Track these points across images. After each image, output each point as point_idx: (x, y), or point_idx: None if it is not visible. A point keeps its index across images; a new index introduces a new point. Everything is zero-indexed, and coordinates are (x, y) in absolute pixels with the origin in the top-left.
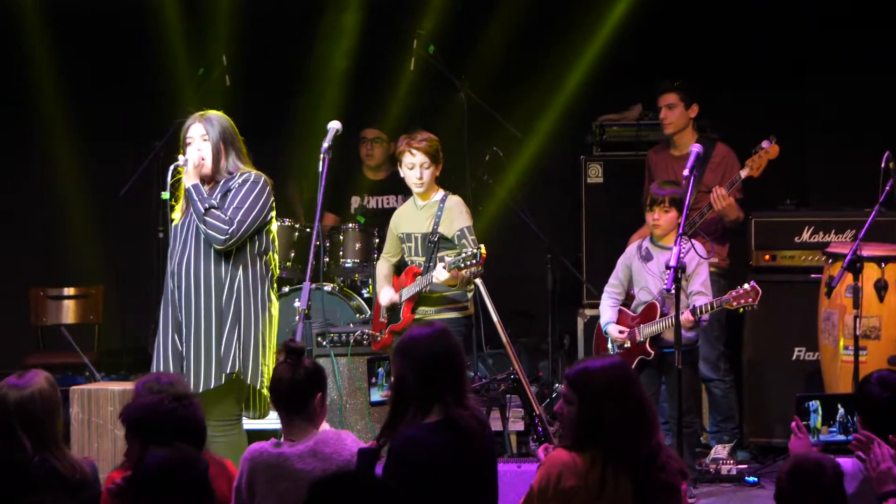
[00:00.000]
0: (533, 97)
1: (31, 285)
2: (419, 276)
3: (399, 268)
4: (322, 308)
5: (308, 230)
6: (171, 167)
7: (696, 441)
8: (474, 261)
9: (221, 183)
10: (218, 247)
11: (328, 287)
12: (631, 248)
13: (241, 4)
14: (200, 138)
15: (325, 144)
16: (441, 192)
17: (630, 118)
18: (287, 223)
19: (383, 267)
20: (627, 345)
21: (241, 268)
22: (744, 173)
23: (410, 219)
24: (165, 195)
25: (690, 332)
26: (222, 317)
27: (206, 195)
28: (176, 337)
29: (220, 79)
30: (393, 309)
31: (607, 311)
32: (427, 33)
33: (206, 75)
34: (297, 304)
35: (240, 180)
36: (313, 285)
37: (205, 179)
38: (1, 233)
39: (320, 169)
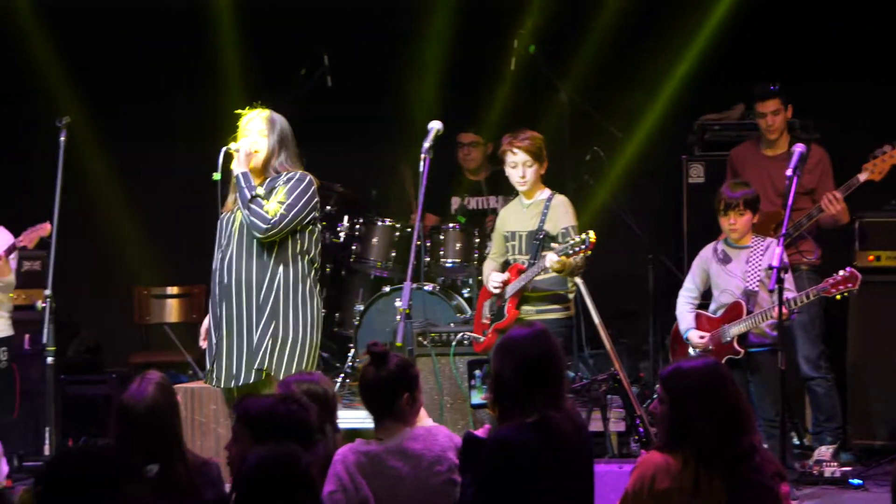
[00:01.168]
0: (634, 97)
1: (134, 285)
2: (522, 273)
3: (504, 268)
4: (423, 308)
5: (408, 230)
6: (223, 150)
7: (791, 441)
8: (583, 246)
9: (268, 180)
10: (259, 235)
11: (429, 287)
12: (706, 252)
13: (342, 5)
14: (258, 133)
15: (426, 144)
16: (547, 191)
17: (732, 118)
18: (388, 223)
19: (489, 267)
20: (712, 347)
21: (281, 265)
22: (863, 177)
23: (516, 217)
24: (217, 176)
25: (776, 330)
26: (259, 313)
27: (253, 185)
28: (213, 331)
29: (322, 79)
30: (497, 308)
31: (686, 316)
32: (528, 33)
33: (308, 75)
34: (398, 303)
35: (286, 177)
36: (414, 285)
37: (253, 174)
38: (106, 233)
39: (421, 169)
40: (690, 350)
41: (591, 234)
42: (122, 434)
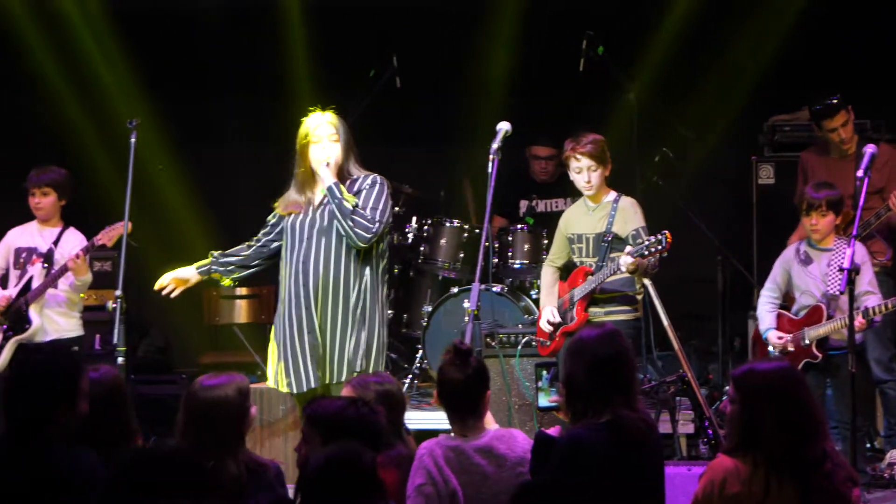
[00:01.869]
0: (704, 98)
1: (204, 286)
2: (590, 276)
3: (566, 270)
4: (491, 309)
5: (477, 231)
6: (323, 164)
7: (864, 444)
8: (659, 247)
9: (348, 183)
10: (361, 244)
11: (497, 288)
12: (788, 252)
13: (412, 6)
14: (329, 138)
15: (494, 145)
16: (613, 193)
17: (802, 119)
18: (456, 224)
19: (548, 274)
20: (790, 349)
21: (367, 268)
22: None
23: (582, 220)
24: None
25: (858, 333)
26: (352, 315)
27: (344, 195)
28: (296, 333)
29: (391, 81)
30: (564, 311)
31: (766, 316)
32: (597, 34)
33: (378, 77)
34: (466, 304)
35: (368, 182)
36: (482, 286)
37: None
38: (176, 233)
39: (489, 170)
40: (770, 350)
41: (667, 234)
42: (185, 420)
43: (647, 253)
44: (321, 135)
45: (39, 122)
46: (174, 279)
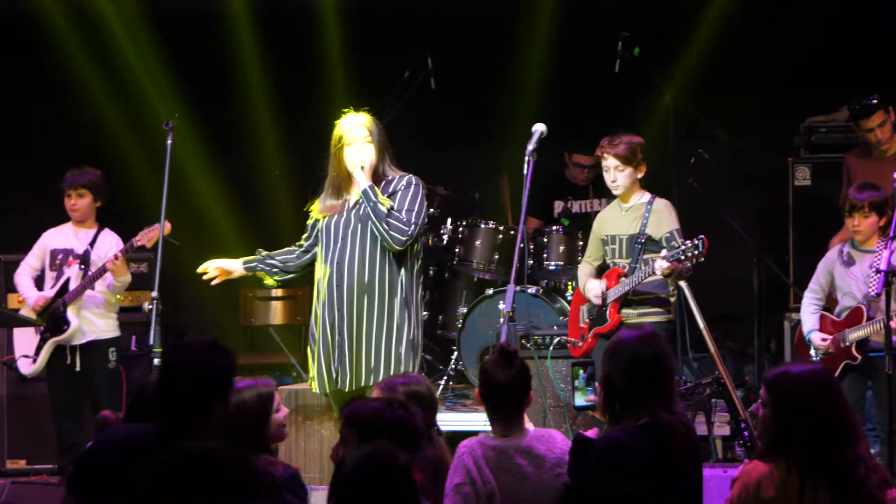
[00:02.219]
0: (739, 99)
1: (240, 287)
2: (623, 278)
3: (600, 270)
4: (526, 310)
5: (512, 233)
6: (358, 167)
7: None
8: (696, 251)
9: (382, 185)
10: (396, 247)
11: (532, 289)
12: (832, 253)
13: (446, 7)
14: (363, 140)
15: (530, 147)
16: (647, 195)
17: (839, 120)
18: (491, 225)
19: (585, 269)
20: (832, 350)
21: (402, 269)
22: None
23: (615, 221)
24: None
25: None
26: (388, 316)
27: (379, 198)
28: (329, 336)
29: (426, 82)
30: (597, 312)
31: (809, 318)
32: (632, 35)
33: (412, 78)
34: (501, 306)
35: (403, 183)
36: (518, 287)
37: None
38: (211, 235)
39: (525, 171)
40: (812, 352)
41: (704, 239)
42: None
43: (683, 258)
44: (355, 137)
45: (75, 123)
46: (218, 268)
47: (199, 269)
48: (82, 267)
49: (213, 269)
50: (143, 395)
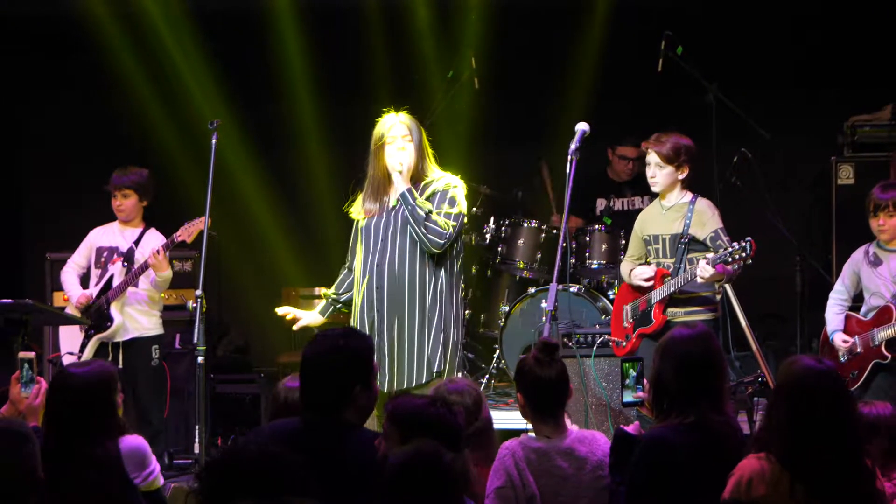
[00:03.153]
0: (783, 97)
1: (283, 285)
2: (668, 278)
3: None
4: (568, 309)
5: (554, 231)
6: (396, 171)
7: None
8: (744, 254)
9: (420, 186)
10: (435, 250)
11: (574, 288)
12: (858, 254)
13: (490, 7)
14: (404, 139)
15: (573, 146)
16: (689, 194)
17: (882, 119)
18: (534, 224)
19: (627, 267)
20: (859, 350)
21: (443, 269)
22: None
23: (657, 220)
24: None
25: None
26: (429, 316)
27: (417, 201)
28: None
29: (469, 82)
30: (642, 312)
31: (833, 318)
32: (676, 34)
33: (456, 78)
34: (543, 304)
35: (442, 184)
36: (560, 286)
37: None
38: (256, 234)
39: (568, 170)
40: (839, 354)
41: (752, 241)
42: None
43: (731, 259)
44: (395, 135)
45: (122, 123)
46: (296, 315)
47: (280, 312)
48: (125, 264)
49: (291, 314)
50: (285, 402)
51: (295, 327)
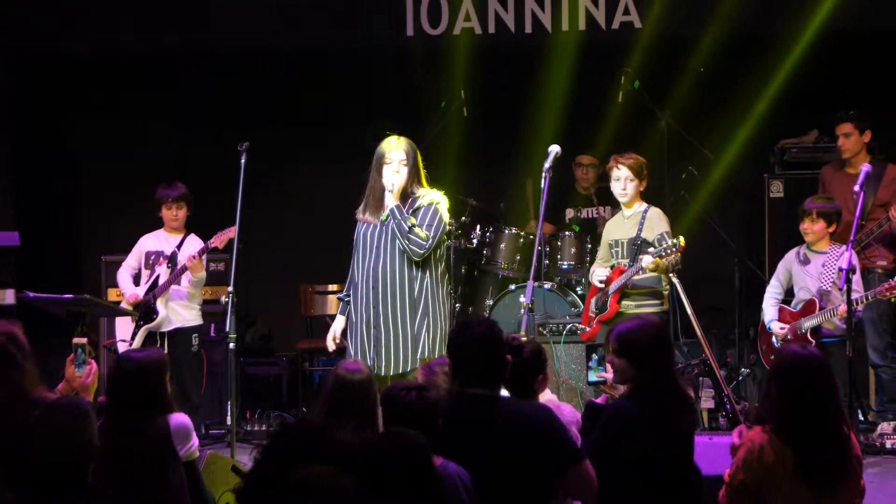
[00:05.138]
0: (723, 124)
1: (301, 283)
2: (623, 273)
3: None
4: (543, 303)
5: (531, 237)
6: (388, 190)
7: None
8: (673, 249)
9: (409, 201)
10: (416, 258)
11: (548, 285)
12: (790, 254)
13: (476, 49)
14: (400, 162)
15: (546, 165)
16: (644, 204)
17: (807, 142)
18: (514, 231)
19: (594, 268)
20: (790, 337)
21: (427, 270)
22: None
23: (619, 227)
24: (384, 217)
25: (838, 319)
26: (415, 310)
27: (406, 216)
28: (365, 329)
29: (459, 110)
30: (601, 303)
31: (770, 309)
32: (633, 70)
33: (447, 108)
34: (522, 299)
35: (427, 200)
36: (536, 283)
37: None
38: (278, 239)
39: (542, 185)
40: (773, 339)
41: (682, 238)
42: (330, 399)
43: (664, 254)
44: (394, 158)
45: (162, 146)
46: (336, 336)
47: (330, 349)
48: (169, 266)
49: (338, 340)
50: (342, 383)
51: (337, 340)
